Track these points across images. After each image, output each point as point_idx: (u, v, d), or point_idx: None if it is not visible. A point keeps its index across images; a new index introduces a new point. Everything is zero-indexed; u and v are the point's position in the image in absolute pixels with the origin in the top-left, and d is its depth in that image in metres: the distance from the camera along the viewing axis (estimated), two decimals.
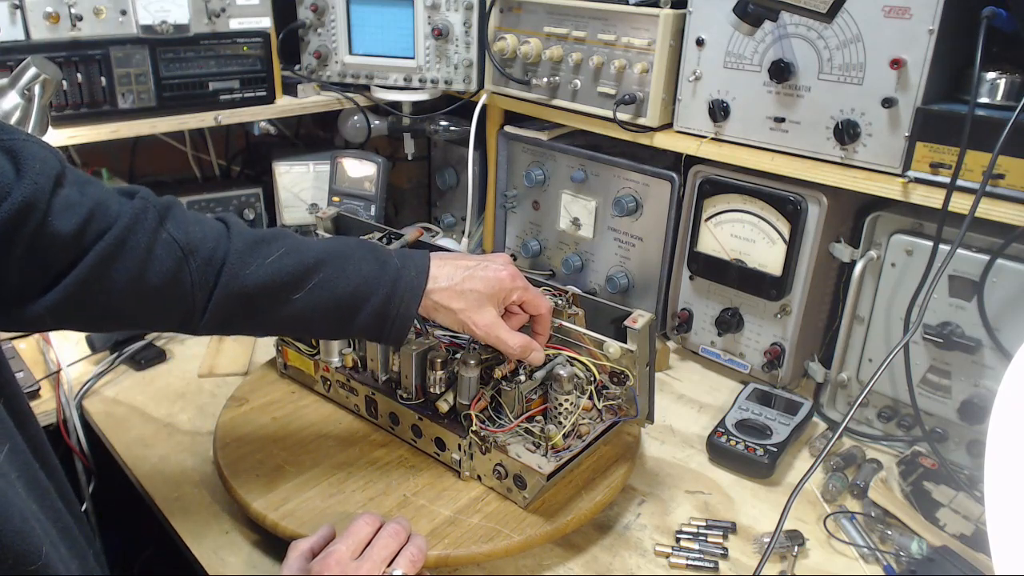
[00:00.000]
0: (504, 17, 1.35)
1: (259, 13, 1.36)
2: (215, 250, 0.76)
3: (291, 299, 0.78)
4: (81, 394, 1.16)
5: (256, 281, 0.76)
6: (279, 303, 0.78)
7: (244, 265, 0.76)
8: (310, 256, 0.79)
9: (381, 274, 0.81)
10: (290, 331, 0.83)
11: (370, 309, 0.80)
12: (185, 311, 0.76)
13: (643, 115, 1.20)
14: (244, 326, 0.80)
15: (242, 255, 0.77)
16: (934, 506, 0.95)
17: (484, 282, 0.85)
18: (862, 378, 1.14)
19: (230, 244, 0.77)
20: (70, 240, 0.68)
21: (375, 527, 0.77)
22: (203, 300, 0.76)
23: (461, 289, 0.84)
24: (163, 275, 0.73)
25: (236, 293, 0.76)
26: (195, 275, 0.74)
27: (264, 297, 0.77)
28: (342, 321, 0.81)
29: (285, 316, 0.79)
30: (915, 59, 0.95)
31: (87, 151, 1.42)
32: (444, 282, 0.84)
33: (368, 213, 1.50)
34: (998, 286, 0.96)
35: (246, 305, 0.77)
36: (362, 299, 0.80)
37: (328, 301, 0.79)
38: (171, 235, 0.74)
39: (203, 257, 0.75)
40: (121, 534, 1.28)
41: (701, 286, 1.27)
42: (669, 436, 1.14)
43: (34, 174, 0.65)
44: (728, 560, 0.90)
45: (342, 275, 0.80)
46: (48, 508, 0.60)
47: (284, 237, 0.81)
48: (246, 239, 0.78)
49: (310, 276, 0.78)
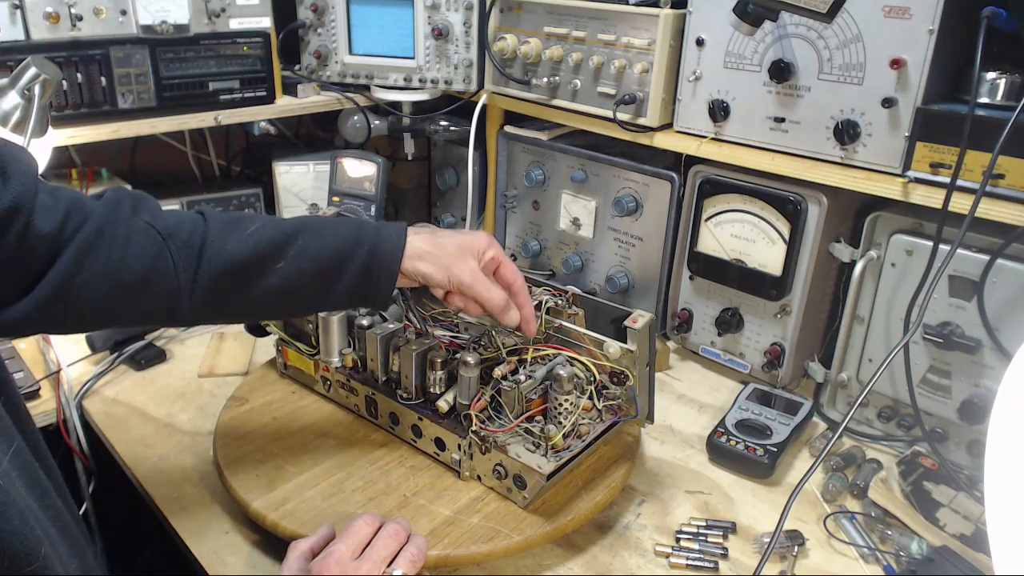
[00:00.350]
0: (504, 17, 1.35)
1: (259, 13, 1.36)
2: (193, 232, 0.76)
3: (275, 268, 0.78)
4: (81, 394, 1.16)
5: (239, 254, 0.77)
6: (263, 275, 0.78)
7: (224, 241, 0.77)
8: (288, 225, 0.80)
9: (360, 234, 0.82)
10: (276, 305, 0.83)
11: (353, 268, 0.81)
12: (170, 296, 0.76)
13: (643, 115, 1.20)
14: (231, 305, 0.80)
15: (221, 232, 0.77)
16: (934, 506, 0.95)
17: (461, 235, 0.87)
18: (862, 378, 1.14)
19: (207, 226, 0.78)
20: (51, 239, 0.68)
21: (375, 527, 0.77)
22: (188, 282, 0.76)
23: (441, 241, 0.85)
24: (144, 260, 0.73)
25: (221, 270, 0.76)
26: (176, 258, 0.75)
27: (248, 270, 0.78)
28: (327, 286, 0.81)
29: (271, 288, 0.79)
30: (915, 59, 0.95)
31: (87, 151, 1.42)
32: (424, 236, 0.85)
33: (368, 213, 1.50)
34: (998, 286, 0.96)
35: (231, 281, 0.77)
36: (345, 260, 0.80)
37: (311, 266, 0.79)
38: (147, 222, 0.75)
39: (182, 239, 0.76)
40: (121, 534, 1.28)
41: (701, 286, 1.27)
42: (669, 436, 1.14)
43: (20, 176, 0.66)
44: (728, 560, 0.90)
45: (321, 239, 0.80)
46: (48, 508, 0.60)
47: (260, 216, 0.82)
48: (223, 220, 0.79)
49: (290, 243, 0.79)
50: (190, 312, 0.77)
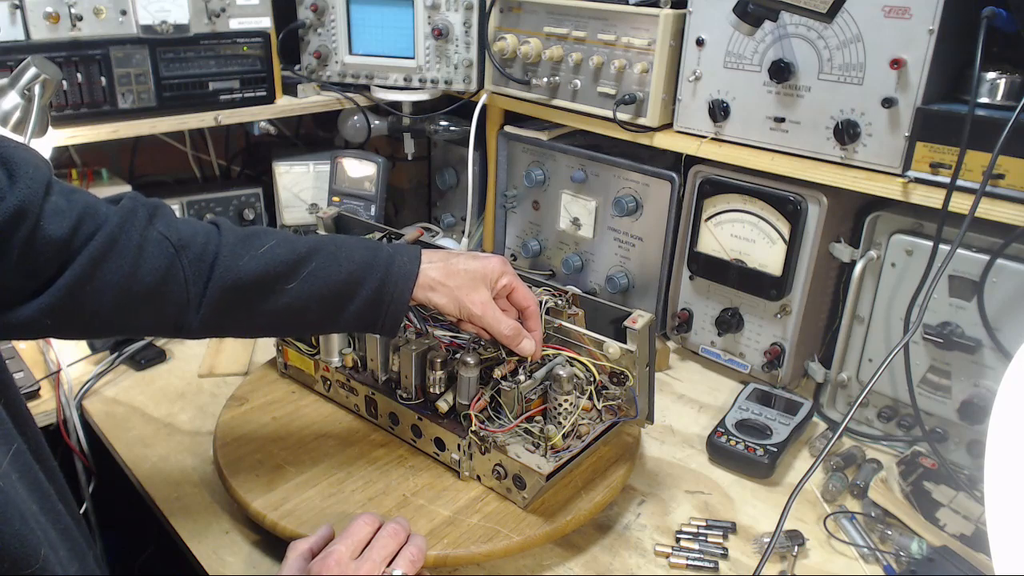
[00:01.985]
0: (504, 17, 1.35)
1: (259, 13, 1.36)
2: (206, 245, 0.76)
3: (285, 289, 0.78)
4: (81, 394, 1.16)
5: (250, 272, 0.76)
6: (273, 294, 0.78)
7: (237, 257, 0.76)
8: (303, 246, 0.80)
9: (374, 260, 0.81)
10: (284, 325, 0.82)
11: (364, 295, 0.80)
12: (179, 309, 0.75)
13: (643, 115, 1.20)
14: (239, 322, 0.80)
15: (234, 248, 0.77)
16: (934, 506, 0.95)
17: (474, 262, 0.86)
18: (862, 378, 1.13)
19: (221, 239, 0.77)
20: (61, 244, 0.68)
21: (374, 527, 0.77)
22: (197, 296, 0.75)
23: (454, 269, 0.85)
24: (156, 272, 0.73)
25: (231, 285, 0.76)
26: (188, 271, 0.75)
27: (259, 288, 0.77)
28: (337, 310, 0.81)
29: (280, 308, 0.79)
30: (915, 59, 0.95)
31: (87, 151, 1.42)
32: (437, 263, 0.85)
33: (368, 213, 1.50)
34: (998, 286, 0.96)
35: (241, 297, 0.77)
36: (356, 285, 0.80)
37: (322, 289, 0.79)
38: (161, 233, 0.74)
39: (195, 252, 0.75)
40: (121, 534, 1.28)
41: (701, 286, 1.27)
42: (669, 436, 1.14)
43: (27, 179, 0.66)
44: (728, 560, 0.90)
45: (335, 263, 0.80)
46: (49, 511, 0.60)
47: (275, 232, 0.81)
48: (237, 234, 0.79)
49: (302, 265, 0.79)
50: (197, 325, 0.77)
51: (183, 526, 0.92)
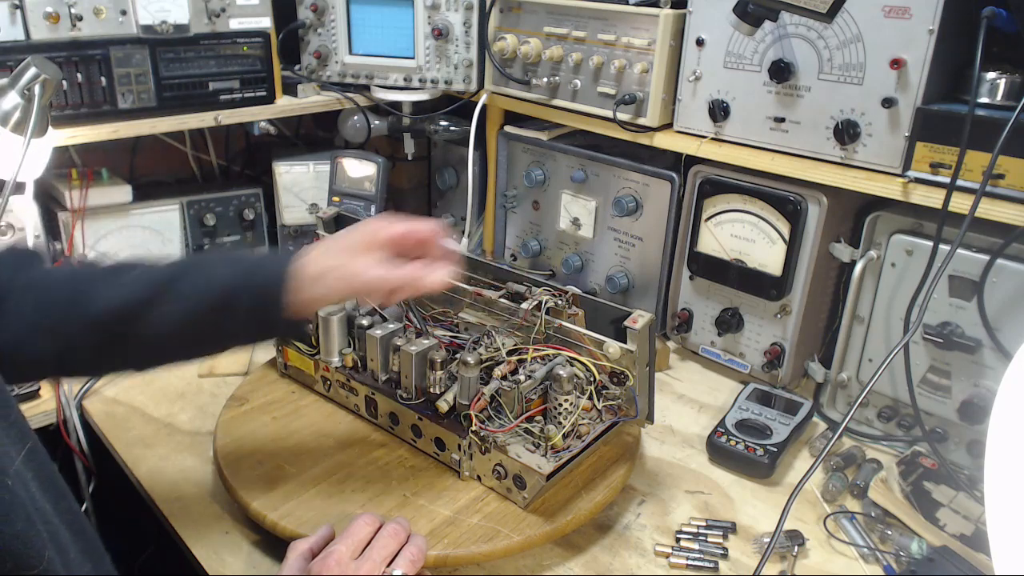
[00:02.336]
0: (504, 17, 1.35)
1: (259, 13, 1.36)
2: (62, 288, 0.76)
3: (153, 314, 0.74)
4: (81, 394, 1.16)
5: (111, 304, 0.74)
6: (141, 321, 0.74)
7: (96, 291, 0.75)
8: (162, 271, 0.77)
9: (237, 267, 0.78)
10: (171, 351, 0.80)
11: (243, 305, 0.76)
12: (54, 351, 0.74)
13: (643, 115, 1.20)
14: (121, 355, 0.78)
15: (93, 283, 0.76)
16: (934, 506, 0.95)
17: (352, 233, 0.81)
18: (862, 378, 1.13)
19: (77, 279, 0.77)
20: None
21: (375, 527, 0.77)
22: (65, 337, 0.74)
23: (332, 249, 0.80)
24: (21, 320, 0.73)
25: (93, 322, 0.74)
26: (53, 316, 0.74)
27: (123, 319, 0.74)
28: (217, 325, 0.77)
29: (156, 334, 0.75)
30: (915, 59, 0.95)
31: (87, 151, 1.42)
32: (313, 250, 0.80)
33: (368, 213, 1.50)
34: (998, 286, 0.96)
35: (108, 331, 0.75)
36: (229, 298, 0.76)
37: (195, 307, 0.75)
38: (24, 283, 0.75)
39: (58, 297, 0.75)
40: (121, 534, 1.28)
41: (701, 286, 1.27)
42: (669, 436, 1.14)
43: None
44: (728, 560, 0.90)
45: (202, 279, 0.76)
46: (64, 511, 0.59)
47: (140, 264, 0.79)
48: (98, 273, 0.78)
49: (166, 288, 0.75)
50: (76, 366, 0.77)
51: (183, 526, 0.92)
